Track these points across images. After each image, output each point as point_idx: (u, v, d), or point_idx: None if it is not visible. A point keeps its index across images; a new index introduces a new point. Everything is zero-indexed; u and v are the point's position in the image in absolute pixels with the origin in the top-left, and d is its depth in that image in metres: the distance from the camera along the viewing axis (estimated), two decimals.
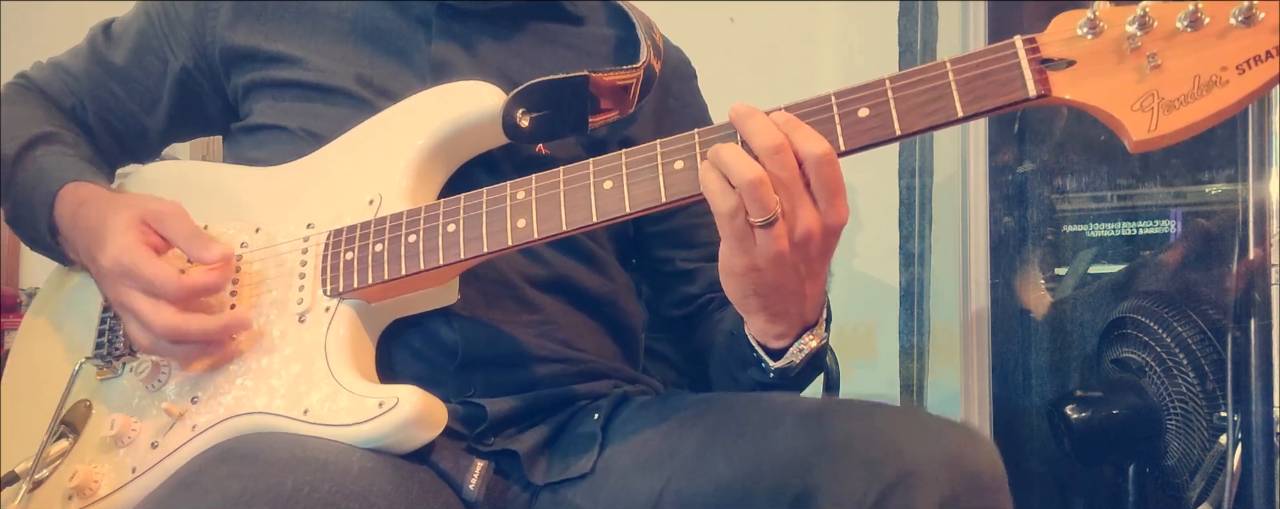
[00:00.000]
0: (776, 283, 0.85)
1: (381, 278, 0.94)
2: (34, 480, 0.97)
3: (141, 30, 1.16)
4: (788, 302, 0.87)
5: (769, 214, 0.80)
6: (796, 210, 0.80)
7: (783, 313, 0.89)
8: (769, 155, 0.79)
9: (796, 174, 0.80)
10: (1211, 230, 1.80)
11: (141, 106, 1.17)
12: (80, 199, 1.03)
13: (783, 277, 0.84)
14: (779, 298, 0.87)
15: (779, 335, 0.91)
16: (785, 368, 0.92)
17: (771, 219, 0.80)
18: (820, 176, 0.80)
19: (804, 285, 0.86)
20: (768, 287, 0.85)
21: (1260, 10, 0.71)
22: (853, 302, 2.42)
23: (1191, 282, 1.78)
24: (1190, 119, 0.72)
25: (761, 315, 0.90)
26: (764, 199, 0.79)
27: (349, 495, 0.79)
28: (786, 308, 0.88)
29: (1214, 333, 1.69)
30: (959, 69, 0.79)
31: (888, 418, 0.81)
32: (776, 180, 0.79)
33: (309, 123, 1.07)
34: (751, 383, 0.97)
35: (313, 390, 0.90)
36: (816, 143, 0.80)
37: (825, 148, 0.80)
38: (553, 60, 1.12)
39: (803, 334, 0.91)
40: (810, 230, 0.81)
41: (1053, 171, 2.03)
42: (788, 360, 0.92)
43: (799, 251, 0.82)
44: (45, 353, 1.10)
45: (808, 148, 0.80)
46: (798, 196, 0.80)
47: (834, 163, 0.80)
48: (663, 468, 0.89)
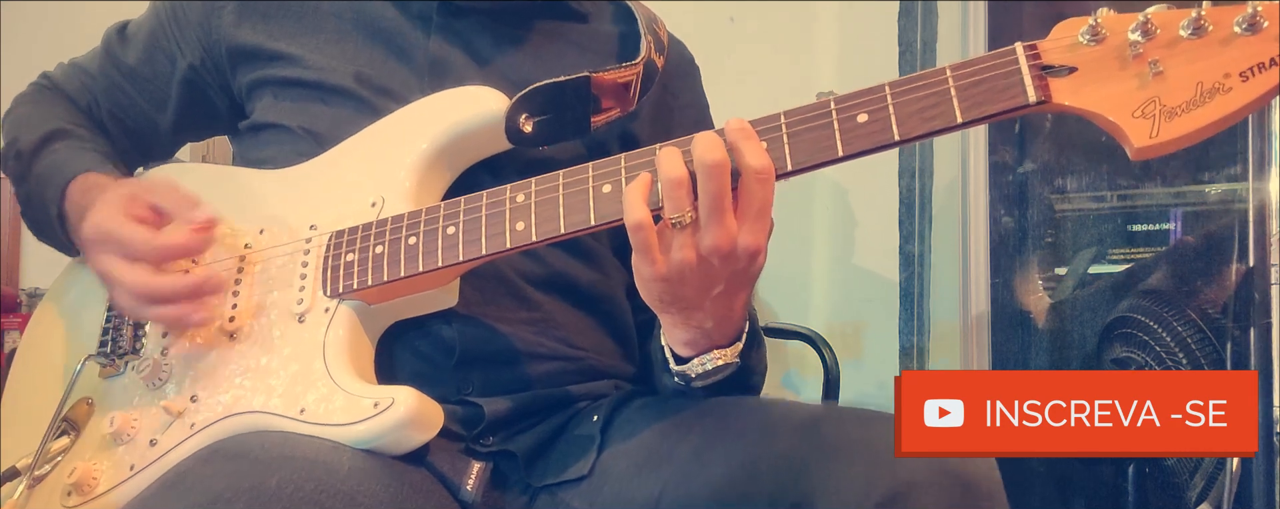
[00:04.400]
0: (679, 294, 0.87)
1: (381, 279, 0.94)
2: (34, 477, 0.98)
3: (151, 31, 1.17)
4: (693, 314, 0.89)
5: (680, 215, 0.82)
6: (711, 221, 0.82)
7: (689, 324, 0.90)
8: (702, 167, 0.81)
9: (725, 190, 0.81)
10: (1211, 230, 1.80)
11: (152, 105, 1.18)
12: (88, 185, 1.05)
13: (686, 288, 0.86)
14: (682, 308, 0.89)
15: (686, 343, 0.92)
16: (688, 375, 0.93)
17: (683, 221, 0.82)
18: (749, 191, 0.82)
19: (705, 300, 0.87)
20: (673, 297, 0.87)
21: (1264, 18, 0.71)
22: (852, 301, 2.42)
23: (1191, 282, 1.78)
24: (1192, 126, 0.72)
25: (667, 320, 0.92)
26: (679, 200, 0.82)
27: (334, 494, 0.79)
28: (692, 320, 0.90)
29: (1214, 333, 1.69)
30: (959, 75, 0.79)
31: (886, 427, 0.81)
32: (703, 190, 0.81)
33: (309, 122, 1.07)
34: (671, 387, 0.98)
35: (310, 390, 0.90)
36: (757, 157, 0.81)
37: (764, 164, 0.81)
38: (556, 58, 1.12)
39: (712, 351, 0.92)
40: (719, 244, 0.82)
41: (1053, 171, 2.02)
42: (689, 369, 0.93)
43: (705, 264, 0.84)
44: (53, 348, 1.11)
45: (747, 160, 0.81)
46: (718, 210, 0.82)
47: (768, 181, 0.82)
48: (661, 471, 0.89)
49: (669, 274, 0.85)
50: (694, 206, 0.82)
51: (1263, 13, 0.71)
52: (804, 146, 0.83)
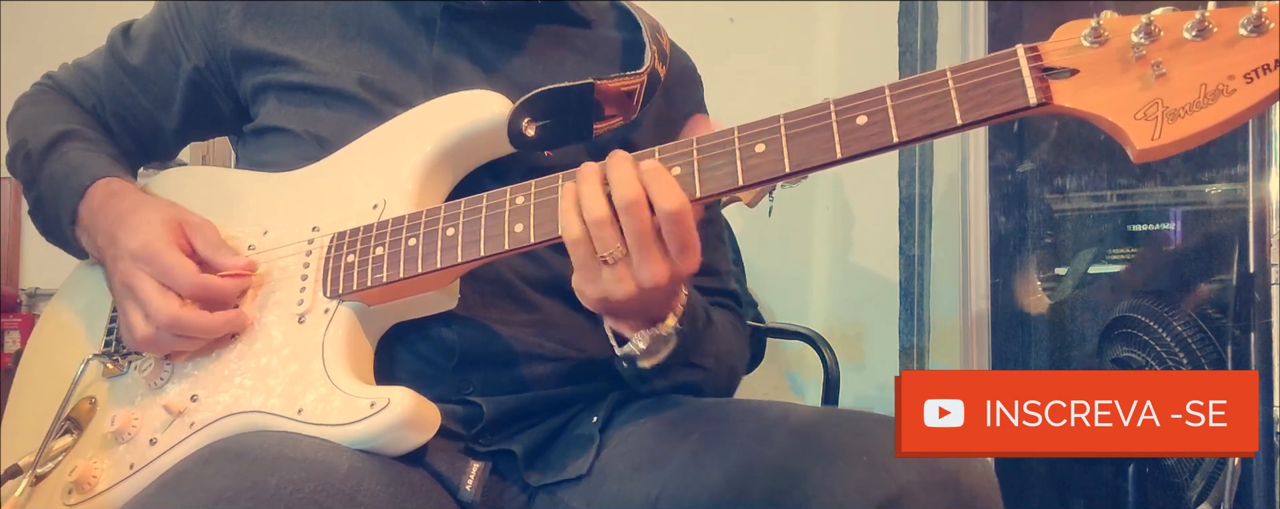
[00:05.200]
0: (627, 310, 0.89)
1: (380, 280, 0.94)
2: (36, 475, 0.98)
3: (155, 32, 1.17)
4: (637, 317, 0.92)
5: (610, 252, 0.83)
6: (644, 259, 0.83)
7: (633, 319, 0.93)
8: (622, 207, 0.82)
9: (648, 226, 0.83)
10: (1211, 230, 1.80)
11: (156, 105, 1.18)
12: (111, 191, 1.06)
13: (631, 306, 0.88)
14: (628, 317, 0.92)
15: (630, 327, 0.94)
16: (632, 357, 0.94)
17: (613, 256, 0.84)
18: (672, 231, 0.83)
19: (651, 311, 0.91)
20: (617, 312, 0.90)
21: (1269, 19, 0.70)
22: (852, 301, 2.42)
23: (1191, 282, 1.78)
24: (1195, 128, 0.71)
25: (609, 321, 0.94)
26: (606, 239, 0.83)
27: (334, 494, 0.79)
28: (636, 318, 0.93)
29: (1214, 333, 1.69)
30: (959, 77, 0.78)
31: (884, 432, 0.81)
32: (626, 229, 0.83)
33: (313, 126, 1.07)
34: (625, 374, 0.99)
35: (308, 390, 0.90)
36: (670, 198, 0.82)
37: (677, 204, 0.82)
38: (558, 64, 1.11)
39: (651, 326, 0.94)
40: (658, 279, 0.84)
41: (1053, 171, 2.03)
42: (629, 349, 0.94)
43: (648, 293, 0.85)
44: (59, 349, 1.11)
45: (660, 203, 0.82)
46: (646, 248, 0.83)
47: (685, 219, 0.83)
48: (659, 472, 0.89)
49: (608, 298, 0.86)
50: (623, 242, 0.84)
51: (1268, 14, 0.71)
52: (802, 148, 0.83)
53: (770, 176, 0.84)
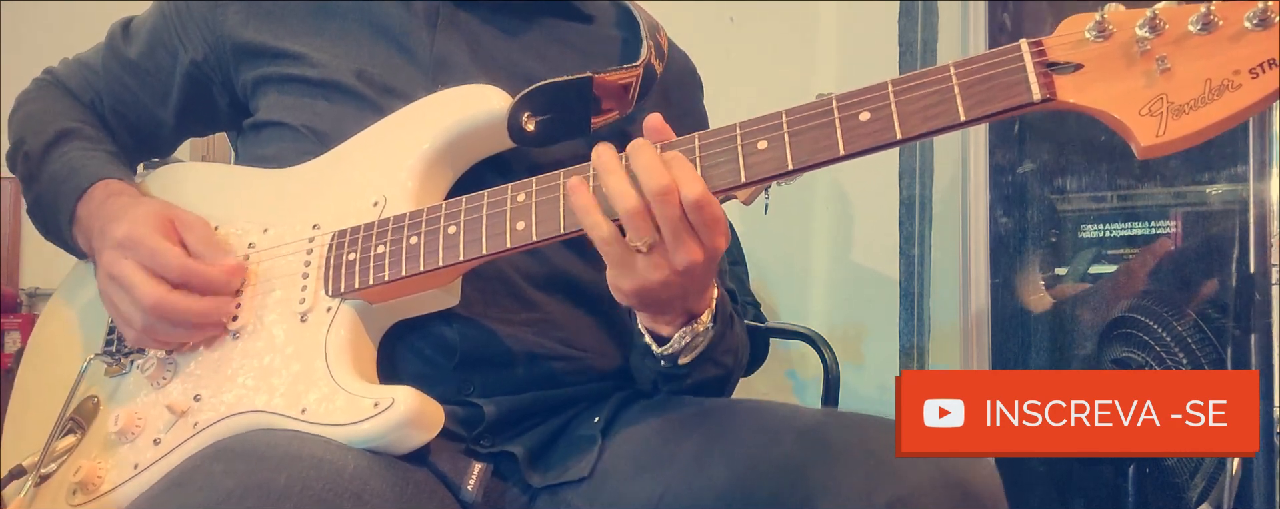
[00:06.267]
0: (664, 297, 0.89)
1: (382, 279, 0.94)
2: (40, 475, 0.98)
3: (155, 25, 1.17)
4: (674, 308, 0.93)
5: (645, 241, 0.84)
6: (678, 244, 0.84)
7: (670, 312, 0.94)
8: (654, 195, 0.83)
9: (679, 212, 0.83)
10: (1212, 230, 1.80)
11: (154, 100, 1.18)
12: (110, 191, 1.06)
13: (669, 292, 0.88)
14: (665, 308, 0.93)
15: (667, 322, 0.95)
16: (673, 355, 0.95)
17: (647, 244, 0.84)
18: (700, 218, 0.83)
19: (688, 299, 0.92)
20: (656, 301, 0.90)
21: (1275, 13, 0.70)
22: (852, 302, 2.42)
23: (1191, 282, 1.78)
24: (1200, 124, 0.71)
25: (646, 314, 0.95)
26: (641, 229, 0.84)
27: (342, 494, 0.79)
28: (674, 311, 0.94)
29: (1214, 333, 1.69)
30: (962, 73, 0.78)
31: (887, 433, 0.81)
32: (659, 215, 0.83)
33: (312, 120, 1.07)
34: (652, 374, 1.00)
35: (311, 390, 0.90)
36: (692, 186, 0.82)
37: (699, 192, 0.82)
38: (558, 58, 1.11)
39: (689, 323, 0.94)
40: (692, 260, 0.84)
41: (1053, 171, 2.02)
42: (671, 347, 0.95)
43: (684, 276, 0.86)
44: (61, 348, 1.11)
45: (684, 192, 0.83)
46: (680, 233, 0.83)
47: (710, 204, 0.83)
48: (661, 473, 0.89)
49: (645, 288, 0.87)
50: (656, 230, 0.84)
51: (1274, 8, 0.70)
52: (805, 145, 0.82)
53: (773, 174, 0.84)
